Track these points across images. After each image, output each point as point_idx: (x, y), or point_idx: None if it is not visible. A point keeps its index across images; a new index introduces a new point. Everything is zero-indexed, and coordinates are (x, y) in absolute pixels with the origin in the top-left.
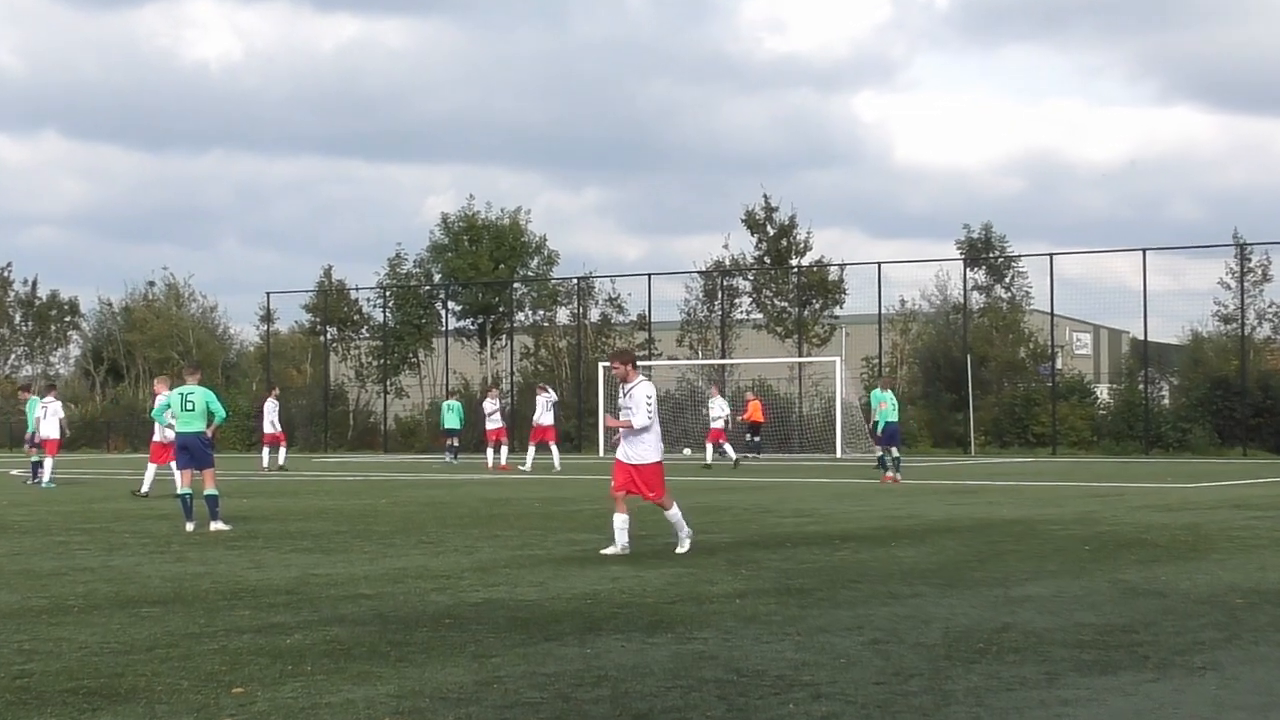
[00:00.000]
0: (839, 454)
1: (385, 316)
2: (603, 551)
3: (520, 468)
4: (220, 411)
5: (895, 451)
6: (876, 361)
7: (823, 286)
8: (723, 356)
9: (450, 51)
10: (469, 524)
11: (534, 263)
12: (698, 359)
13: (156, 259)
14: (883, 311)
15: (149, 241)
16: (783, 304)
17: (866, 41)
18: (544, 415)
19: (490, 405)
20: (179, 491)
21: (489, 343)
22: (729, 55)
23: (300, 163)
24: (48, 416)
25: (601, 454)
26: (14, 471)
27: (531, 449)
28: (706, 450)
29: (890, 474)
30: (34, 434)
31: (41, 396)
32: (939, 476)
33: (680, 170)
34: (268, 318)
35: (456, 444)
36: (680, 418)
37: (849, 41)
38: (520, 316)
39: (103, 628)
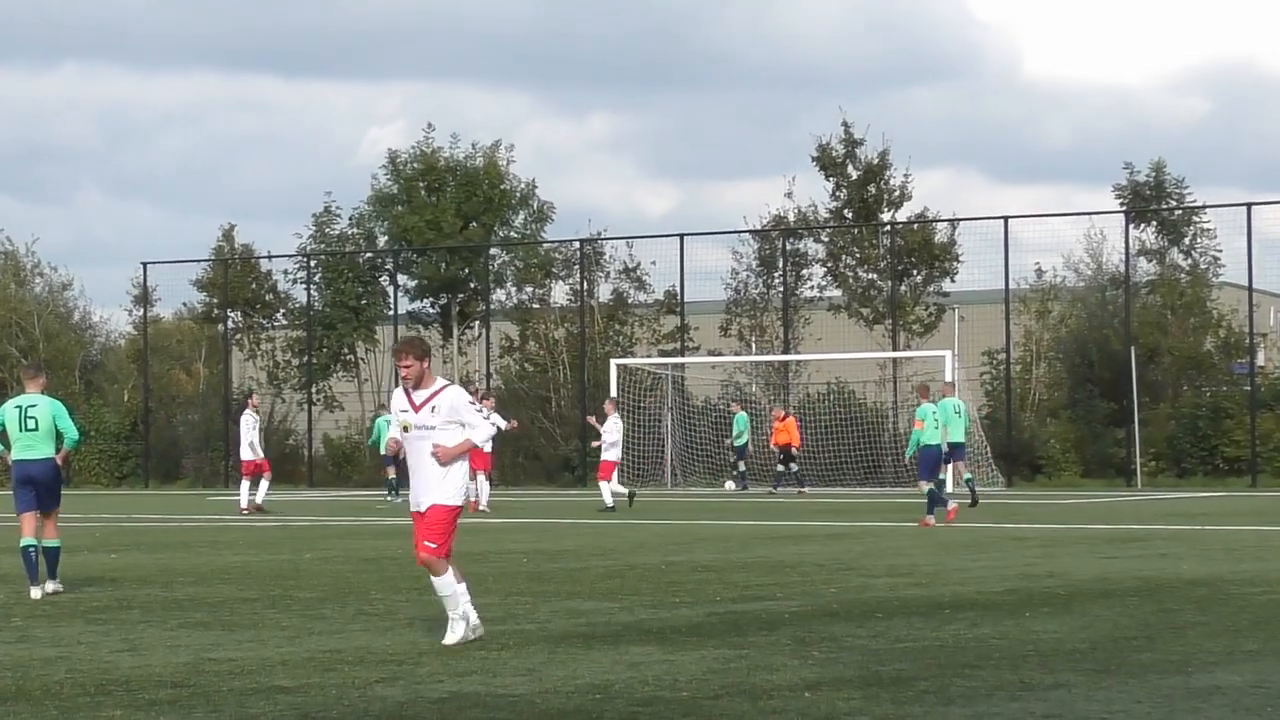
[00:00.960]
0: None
1: (310, 296)
2: (445, 643)
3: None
4: (73, 431)
5: (924, 485)
6: (1003, 356)
7: (926, 251)
8: (786, 349)
9: None
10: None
11: (519, 219)
12: (750, 354)
13: None
14: (1010, 286)
15: None
16: (870, 276)
17: None
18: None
19: None
20: (22, 543)
21: (456, 332)
22: None
23: (188, 81)
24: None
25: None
26: None
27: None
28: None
29: (928, 516)
30: None
31: None
32: (1091, 519)
33: (724, 89)
34: (144, 298)
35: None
36: (728, 437)
37: None
38: (500, 295)
39: None
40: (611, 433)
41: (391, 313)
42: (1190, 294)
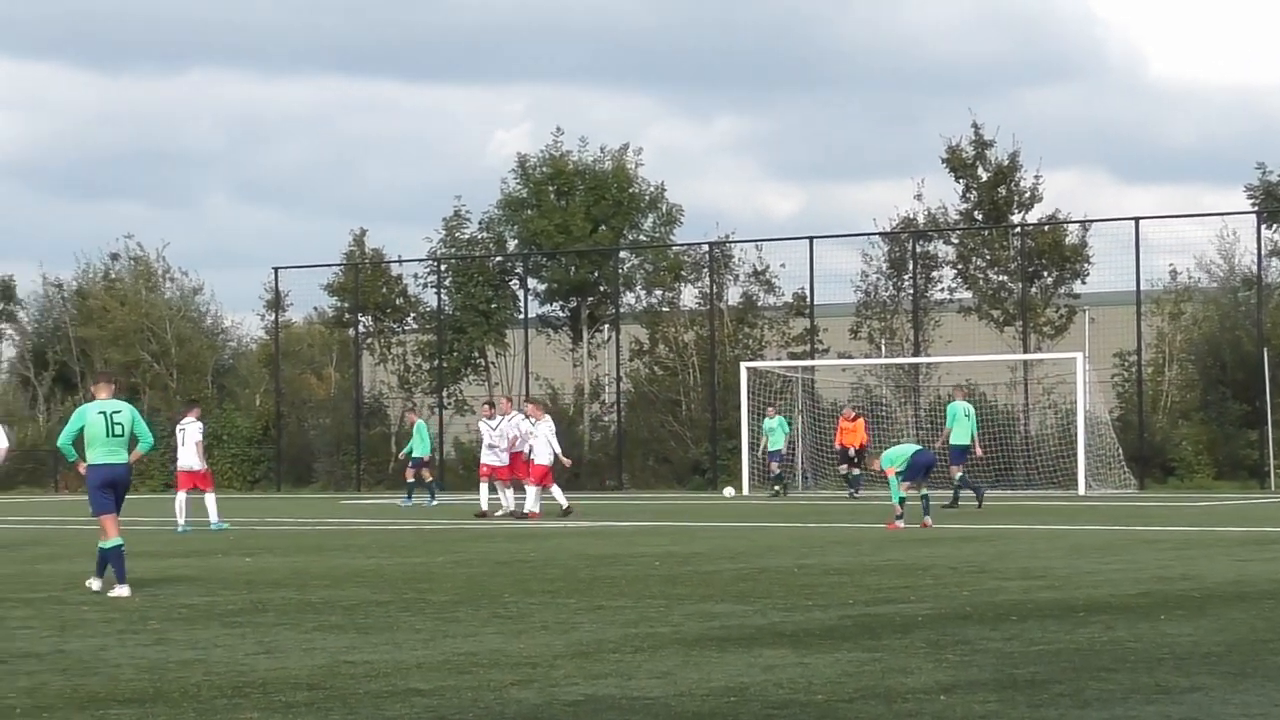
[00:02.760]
0: (1082, 489)
1: (440, 300)
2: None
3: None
4: (149, 437)
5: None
6: (1135, 358)
7: (1057, 253)
8: (916, 352)
9: None
10: (562, 590)
11: (648, 223)
12: (880, 356)
13: (118, 222)
14: (1141, 288)
15: (107, 197)
16: (1000, 278)
17: None
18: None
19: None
20: (111, 544)
21: (586, 335)
22: None
23: (314, 85)
24: (185, 441)
25: (747, 492)
26: None
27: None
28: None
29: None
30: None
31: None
32: (1224, 521)
33: (850, 89)
34: (275, 303)
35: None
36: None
37: None
38: (629, 298)
39: None
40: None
41: (521, 316)
42: None
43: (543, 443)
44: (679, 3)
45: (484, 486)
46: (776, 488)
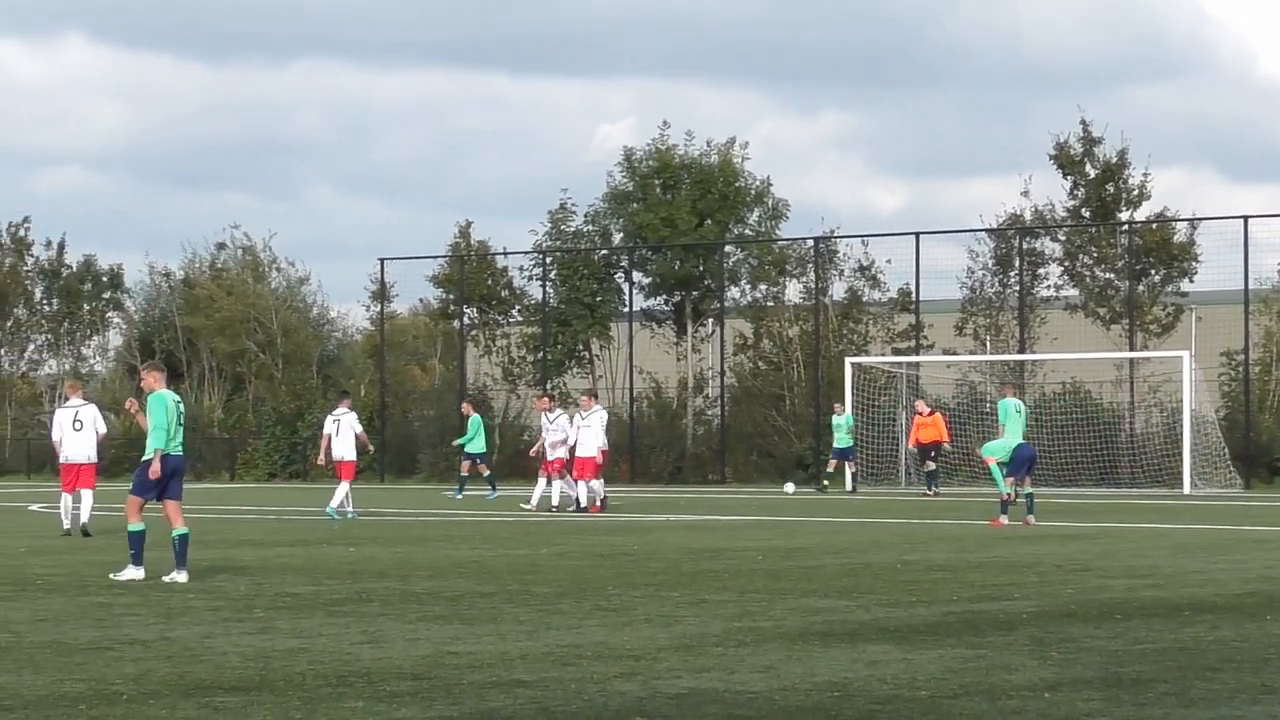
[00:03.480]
0: (1188, 488)
1: (545, 292)
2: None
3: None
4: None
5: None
6: (1242, 358)
7: (1165, 251)
8: (1021, 349)
9: None
10: (664, 584)
11: (753, 217)
12: (985, 352)
13: (224, 212)
14: (1250, 287)
15: (213, 187)
16: (1108, 275)
17: None
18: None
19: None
20: (178, 532)
21: (690, 329)
22: None
23: (420, 78)
24: (340, 431)
25: (849, 488)
26: (33, 506)
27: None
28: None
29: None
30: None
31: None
32: None
33: (955, 85)
34: (381, 294)
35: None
36: (961, 437)
37: None
38: (734, 293)
39: None
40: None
41: (626, 309)
42: None
43: (592, 434)
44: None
45: (542, 481)
46: (855, 486)
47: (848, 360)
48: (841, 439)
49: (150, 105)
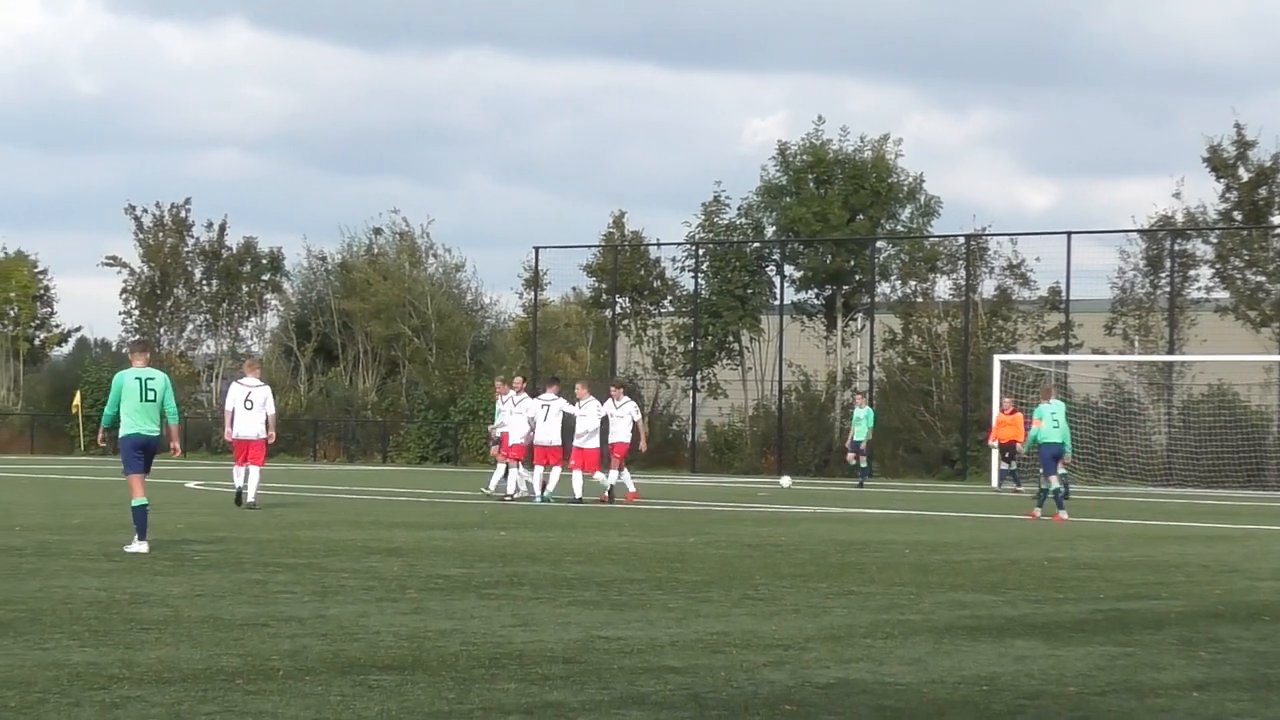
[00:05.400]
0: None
1: (697, 284)
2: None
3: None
4: (175, 408)
5: (1053, 481)
6: None
7: None
8: (1170, 350)
9: None
10: (812, 575)
11: (905, 213)
12: (1134, 353)
13: (381, 197)
14: None
15: (370, 173)
16: (1259, 278)
17: None
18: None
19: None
20: (137, 503)
21: (840, 324)
22: None
23: (575, 69)
24: (549, 418)
25: (995, 485)
26: (189, 484)
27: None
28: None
29: (1037, 509)
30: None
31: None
32: None
33: (1106, 86)
34: (535, 281)
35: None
36: (1107, 436)
37: None
38: (884, 288)
39: (318, 699)
40: (589, 419)
41: (777, 302)
42: None
43: (625, 423)
44: None
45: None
46: (863, 481)
47: (996, 358)
48: (860, 432)
49: (309, 91)
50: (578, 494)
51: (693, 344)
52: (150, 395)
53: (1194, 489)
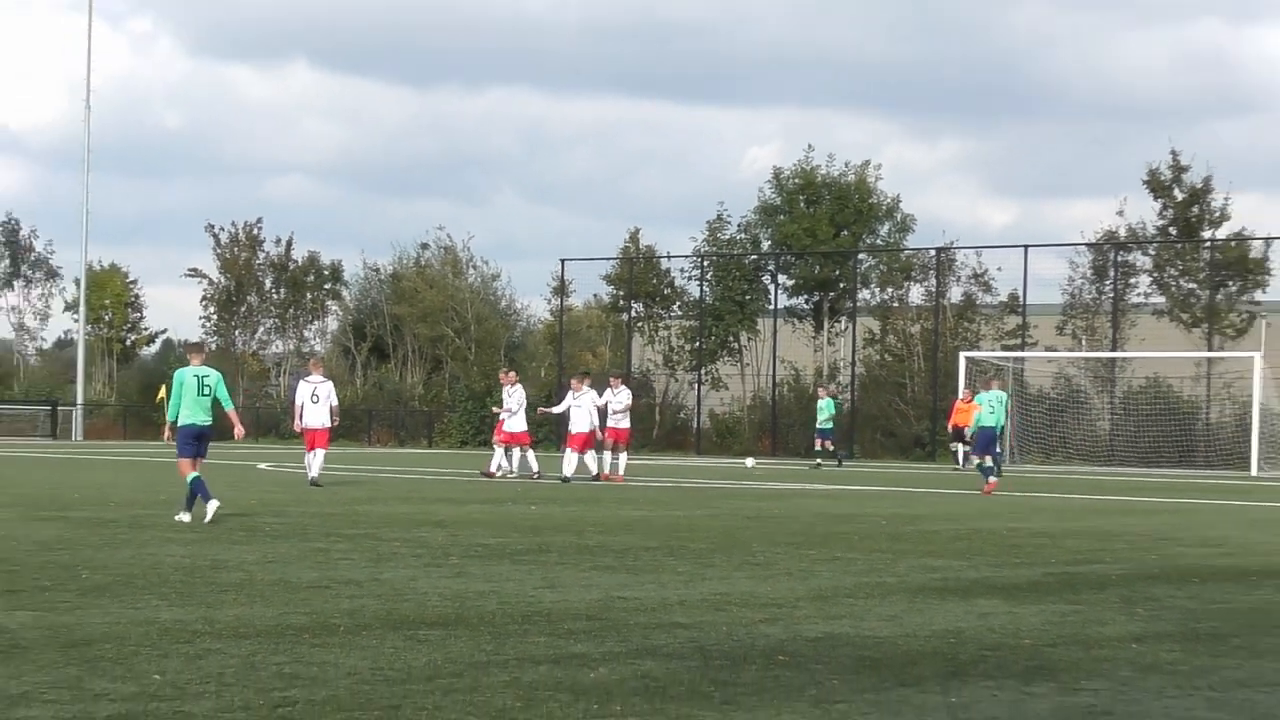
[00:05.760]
0: (1255, 471)
1: (702, 291)
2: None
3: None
4: (228, 397)
5: (987, 460)
6: None
7: (1242, 265)
8: (1113, 349)
9: None
10: (802, 543)
11: (883, 229)
12: (1082, 350)
13: (426, 217)
14: None
15: (418, 195)
16: (1190, 286)
17: None
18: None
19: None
20: (190, 477)
21: (826, 326)
22: None
23: (597, 104)
24: (583, 407)
25: (959, 465)
26: (261, 465)
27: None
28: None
29: (984, 482)
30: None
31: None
32: None
33: (1058, 118)
34: (561, 290)
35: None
36: (1058, 423)
37: None
38: (865, 295)
39: (374, 651)
40: (584, 408)
41: (771, 307)
42: None
43: (583, 413)
44: (911, 38)
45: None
46: (819, 461)
47: (962, 354)
48: (823, 421)
49: (363, 124)
50: (566, 473)
51: (698, 343)
52: (205, 390)
53: (1133, 468)
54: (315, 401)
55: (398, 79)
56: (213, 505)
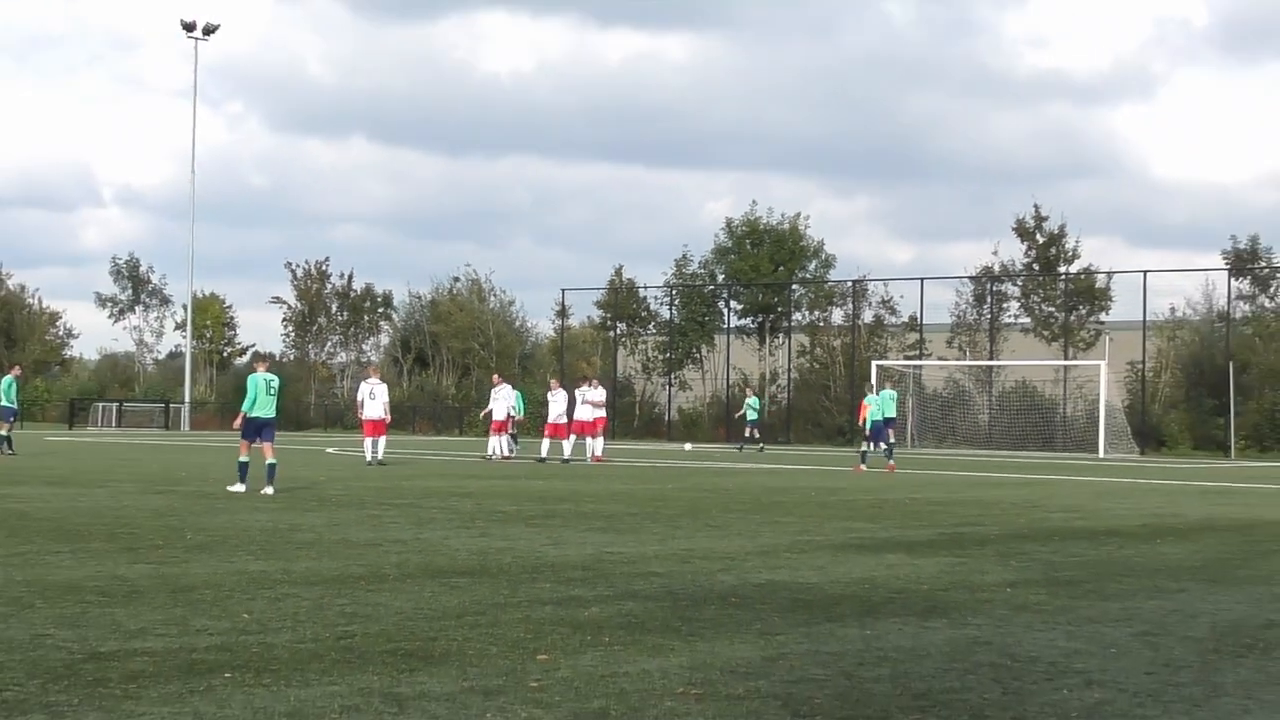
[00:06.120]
0: (1102, 454)
1: (671, 314)
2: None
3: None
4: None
5: (883, 445)
6: (1141, 366)
7: (1090, 293)
8: (990, 358)
9: (726, 65)
10: (750, 510)
11: (812, 266)
12: (966, 359)
13: (457, 256)
14: (1147, 318)
15: (450, 240)
16: (1050, 309)
17: (1126, 57)
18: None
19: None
20: (242, 459)
21: (768, 340)
22: (991, 69)
23: (588, 169)
24: (583, 402)
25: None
26: (329, 449)
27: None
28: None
29: (885, 463)
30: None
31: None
32: (1199, 478)
33: (946, 179)
34: (562, 313)
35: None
36: (948, 416)
37: (1110, 57)
38: (798, 316)
39: (416, 595)
40: (558, 403)
41: (725, 326)
42: (1275, 325)
43: (501, 405)
44: (832, 118)
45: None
46: (745, 446)
47: (874, 363)
48: (751, 415)
49: (407, 184)
50: (543, 454)
51: (668, 354)
52: (271, 390)
53: (1007, 451)
54: (372, 398)
55: (434, 149)
56: (238, 488)
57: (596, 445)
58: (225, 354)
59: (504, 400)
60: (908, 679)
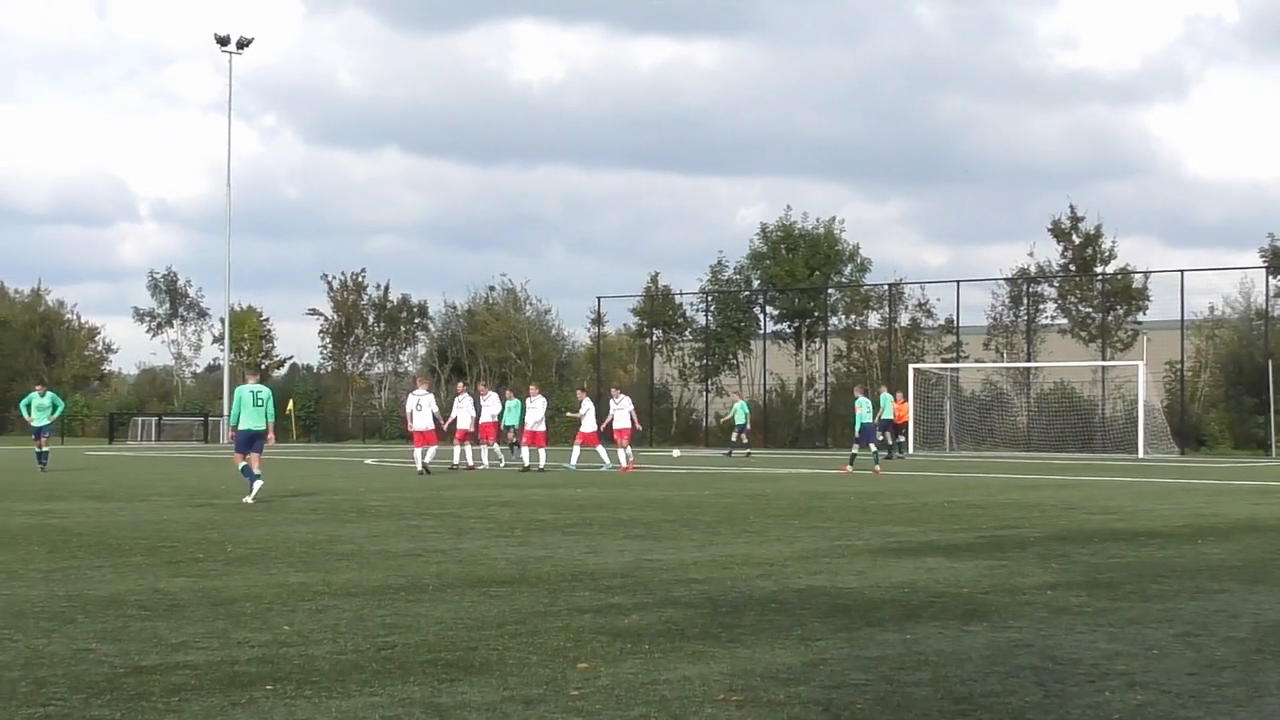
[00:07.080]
0: (1141, 454)
1: (707, 320)
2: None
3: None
4: (274, 411)
5: (872, 447)
6: (1179, 366)
7: (1126, 293)
8: (1028, 360)
9: (758, 70)
10: (789, 515)
11: (847, 270)
12: (1004, 361)
13: (492, 265)
14: (1185, 318)
15: (484, 249)
16: (1087, 310)
17: (1157, 57)
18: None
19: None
20: (241, 466)
21: (804, 345)
22: (1023, 70)
23: (622, 176)
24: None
25: (912, 452)
26: (368, 461)
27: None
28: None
29: (871, 467)
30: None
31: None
32: (1240, 477)
33: (982, 182)
34: (598, 321)
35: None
36: (986, 418)
37: (1141, 56)
38: (834, 320)
39: (456, 605)
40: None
41: (762, 332)
42: None
43: (589, 418)
44: (864, 122)
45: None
46: (733, 451)
47: (910, 366)
48: (739, 419)
49: (442, 194)
50: (536, 462)
51: (705, 360)
52: (258, 402)
53: (1046, 453)
54: (419, 409)
55: (467, 159)
56: (258, 485)
57: (624, 454)
58: (263, 366)
59: (490, 408)
60: (948, 683)
